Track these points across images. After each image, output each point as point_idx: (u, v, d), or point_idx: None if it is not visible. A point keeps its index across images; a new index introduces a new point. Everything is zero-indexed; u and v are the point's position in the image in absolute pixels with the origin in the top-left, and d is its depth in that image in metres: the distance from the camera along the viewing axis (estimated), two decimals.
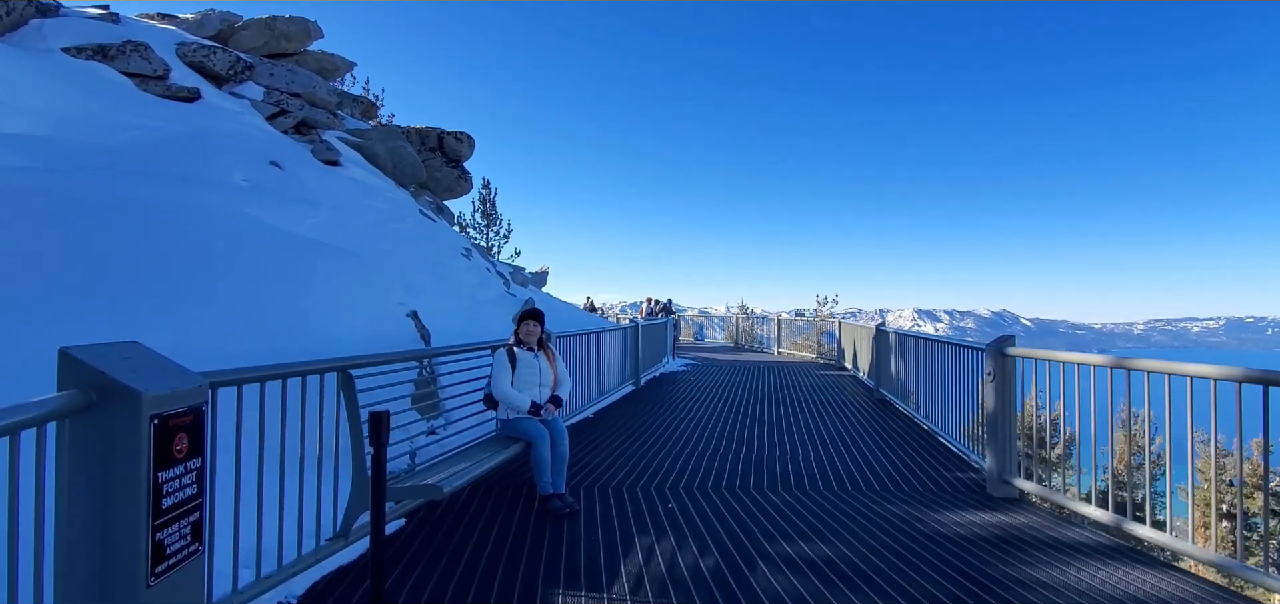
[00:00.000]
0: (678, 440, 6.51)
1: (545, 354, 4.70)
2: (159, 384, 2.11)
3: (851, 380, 11.82)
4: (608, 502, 4.49)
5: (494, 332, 7.91)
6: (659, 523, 4.07)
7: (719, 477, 5.19)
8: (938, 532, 3.95)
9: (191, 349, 4.01)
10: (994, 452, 4.72)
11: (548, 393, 4.62)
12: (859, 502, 4.55)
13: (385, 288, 6.33)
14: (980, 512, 4.35)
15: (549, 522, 4.09)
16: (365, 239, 7.75)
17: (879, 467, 5.55)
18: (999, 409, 4.68)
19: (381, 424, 2.15)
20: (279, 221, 6.65)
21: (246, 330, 4.42)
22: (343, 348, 4.75)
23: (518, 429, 4.48)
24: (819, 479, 5.15)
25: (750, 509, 4.35)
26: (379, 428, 2.15)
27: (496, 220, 21.00)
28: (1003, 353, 4.69)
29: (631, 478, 5.11)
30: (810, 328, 19.16)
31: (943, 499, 4.65)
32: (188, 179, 6.94)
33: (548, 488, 4.27)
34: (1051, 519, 4.21)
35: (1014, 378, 4.69)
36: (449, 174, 15.87)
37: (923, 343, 7.01)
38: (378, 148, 11.71)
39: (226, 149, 8.22)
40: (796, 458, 5.86)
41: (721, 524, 4.04)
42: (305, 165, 9.02)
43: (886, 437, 6.78)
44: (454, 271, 9.57)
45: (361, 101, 16.97)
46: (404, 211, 10.20)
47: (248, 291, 4.88)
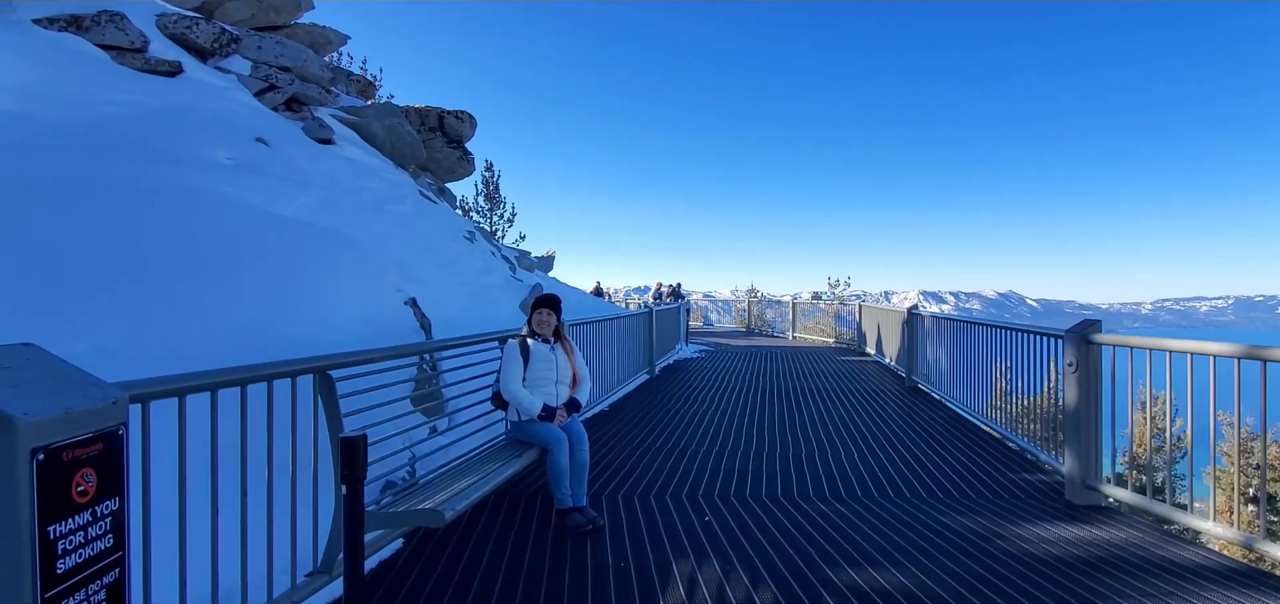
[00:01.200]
0: (705, 437, 5.94)
1: (562, 346, 4.11)
2: (46, 405, 1.53)
3: (876, 366, 11.22)
4: (635, 515, 3.92)
5: (500, 319, 7.33)
6: (697, 542, 3.50)
7: (757, 481, 4.62)
8: (1024, 551, 3.37)
9: (147, 350, 3.43)
10: (1076, 453, 4.13)
11: (565, 391, 4.03)
12: (922, 512, 3.96)
13: (381, 274, 5.74)
14: (1067, 524, 3.77)
15: (569, 540, 3.53)
16: (359, 221, 7.15)
17: (934, 467, 4.96)
18: (1082, 404, 4.08)
19: (357, 453, 1.58)
20: (263, 202, 6.06)
21: (218, 326, 3.84)
22: (332, 341, 4.17)
23: (530, 434, 3.91)
24: (869, 484, 4.56)
25: (801, 523, 3.77)
26: (354, 457, 1.58)
27: (500, 203, 20.39)
28: (1087, 340, 4.08)
29: (659, 484, 4.54)
30: (823, 311, 18.55)
31: (1017, 508, 4.06)
32: (164, 157, 6.34)
33: (567, 501, 3.70)
34: (1156, 534, 3.61)
35: (1100, 369, 4.08)
36: (450, 155, 15.21)
37: (976, 328, 6.37)
38: (374, 126, 11.06)
39: (209, 125, 7.61)
40: (838, 456, 5.28)
41: (770, 544, 3.46)
42: (295, 143, 8.40)
43: (931, 431, 6.19)
44: (456, 256, 8.97)
45: (359, 80, 16.30)
46: (402, 193, 9.58)
47: (222, 280, 4.29)
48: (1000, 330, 5.73)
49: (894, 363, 10.58)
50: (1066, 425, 4.23)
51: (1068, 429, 4.21)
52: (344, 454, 1.59)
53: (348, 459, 1.58)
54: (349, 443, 1.59)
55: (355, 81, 15.67)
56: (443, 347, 3.99)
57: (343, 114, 10.93)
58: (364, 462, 1.61)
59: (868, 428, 6.34)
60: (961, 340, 6.81)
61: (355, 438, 1.60)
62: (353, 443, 1.59)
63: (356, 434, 1.61)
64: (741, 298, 25.42)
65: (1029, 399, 5.38)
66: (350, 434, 1.62)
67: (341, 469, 1.58)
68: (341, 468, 1.58)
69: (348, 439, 1.59)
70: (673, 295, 19.36)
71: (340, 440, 1.61)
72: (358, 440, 1.60)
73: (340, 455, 1.60)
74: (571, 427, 3.91)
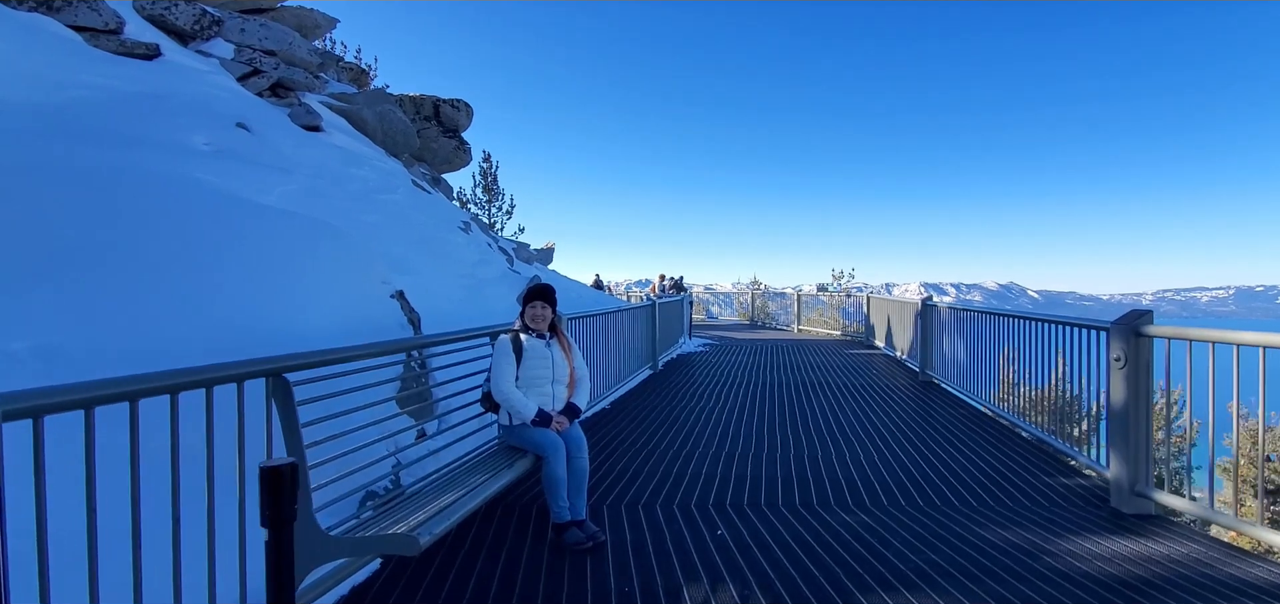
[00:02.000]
0: (712, 437, 5.57)
1: (559, 342, 3.73)
2: None
3: (885, 360, 10.85)
4: (640, 528, 3.55)
5: (496, 314, 6.95)
6: (710, 561, 3.13)
7: (772, 488, 4.25)
8: (1077, 569, 2.99)
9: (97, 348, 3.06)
10: (1123, 457, 3.75)
11: (563, 392, 3.65)
12: (957, 523, 3.59)
13: (366, 265, 5.35)
14: (1118, 536, 3.39)
15: (568, 559, 3.16)
16: (346, 210, 6.76)
17: (961, 470, 4.59)
18: (1130, 404, 3.70)
19: (282, 486, 1.21)
20: (241, 190, 5.67)
21: (181, 321, 3.45)
22: (309, 337, 3.79)
23: (524, 440, 3.53)
24: (894, 490, 4.19)
25: (824, 538, 3.39)
26: (279, 492, 1.20)
27: (499, 195, 19.96)
28: (1137, 332, 3.69)
29: (666, 491, 4.17)
30: (825, 303, 18.17)
31: (1060, 517, 3.69)
32: (135, 142, 5.95)
33: (565, 514, 3.33)
34: (1220, 549, 3.24)
35: (1151, 365, 3.70)
36: (446, 145, 14.80)
37: (1003, 321, 5.97)
38: (365, 113, 10.65)
39: (187, 110, 7.21)
40: (857, 458, 4.91)
41: (793, 563, 3.09)
42: (279, 129, 8.00)
43: (952, 429, 5.81)
44: (451, 247, 8.58)
45: (351, 68, 15.86)
46: (394, 182, 9.18)
47: (189, 272, 3.91)
48: (1032, 323, 5.34)
49: (905, 357, 10.21)
50: (1112, 426, 3.86)
51: (1113, 430, 3.84)
52: (265, 488, 1.21)
53: (271, 495, 1.21)
54: (272, 475, 1.21)
55: (347, 69, 15.24)
56: (423, 343, 3.62)
57: (332, 100, 10.52)
58: (292, 497, 1.24)
59: (884, 426, 5.97)
60: (984, 334, 6.43)
61: (280, 467, 1.22)
62: (277, 475, 1.21)
63: (282, 462, 1.24)
64: (743, 290, 25.02)
65: (1042, 392, 5.01)
66: (276, 462, 1.24)
67: (263, 508, 1.20)
68: (263, 507, 1.21)
69: (271, 469, 1.22)
70: (675, 288, 18.97)
71: (260, 470, 1.23)
72: (284, 470, 1.22)
73: (261, 489, 1.22)
74: (570, 433, 3.54)
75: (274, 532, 1.22)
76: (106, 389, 1.77)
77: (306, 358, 2.46)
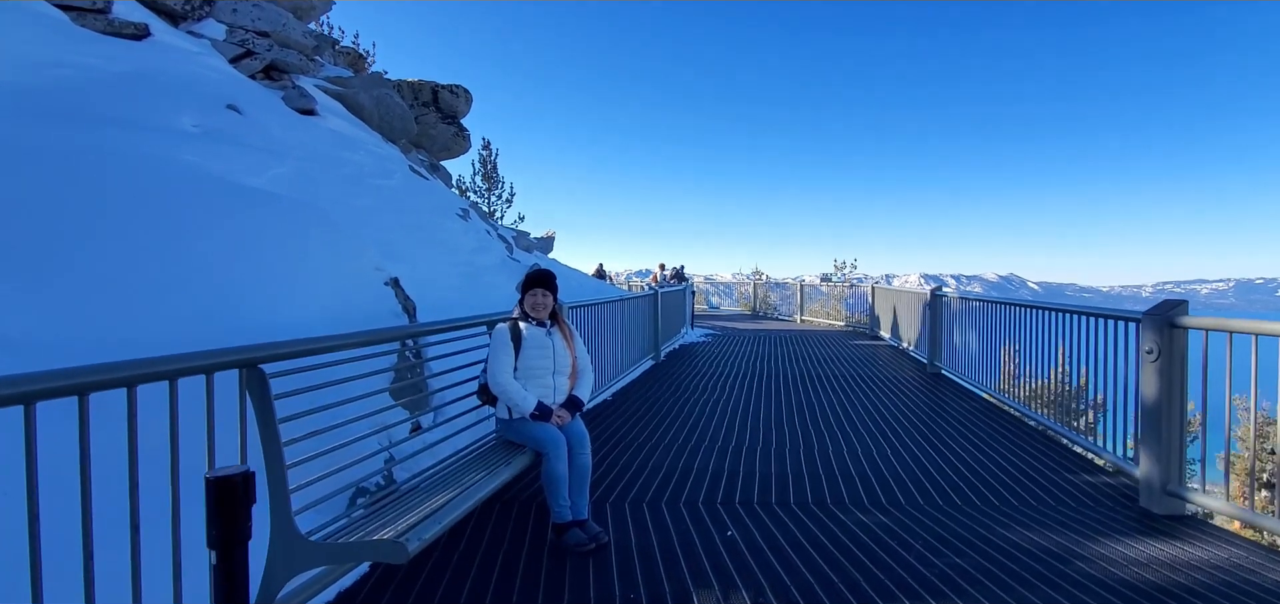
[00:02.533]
0: (718, 430, 5.38)
1: (560, 331, 3.53)
2: None
3: (891, 351, 10.65)
4: (645, 528, 3.36)
5: (495, 303, 6.75)
6: (720, 564, 2.94)
7: (783, 485, 4.06)
8: (1112, 574, 2.81)
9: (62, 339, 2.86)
10: (1154, 455, 3.56)
11: (564, 384, 3.45)
12: (979, 524, 3.40)
13: (358, 251, 5.14)
14: (1152, 539, 3.21)
15: (569, 562, 2.97)
16: (339, 194, 6.54)
17: (979, 466, 4.40)
18: (1164, 399, 3.50)
19: (232, 500, 1.01)
20: (229, 172, 5.45)
21: (155, 308, 3.25)
22: (295, 326, 3.59)
23: (523, 435, 3.33)
24: (910, 487, 4.00)
25: (841, 540, 3.21)
26: (229, 507, 1.00)
27: (498, 183, 19.69)
28: (1171, 324, 3.49)
29: (672, 488, 3.98)
30: (826, 294, 17.97)
31: (1088, 518, 3.50)
32: (117, 122, 5.72)
33: (566, 514, 3.14)
34: (1261, 553, 3.05)
35: (1185, 358, 3.50)
36: (444, 131, 14.54)
37: (1022, 311, 5.76)
38: (362, 97, 10.39)
39: (175, 91, 6.98)
40: (869, 453, 4.72)
41: (809, 568, 2.90)
42: (271, 112, 7.76)
43: (966, 423, 5.62)
44: (448, 234, 8.36)
45: (349, 53, 15.57)
46: (391, 167, 8.95)
47: (168, 256, 3.70)
48: (1053, 313, 5.14)
49: (912, 348, 10.02)
50: (1143, 422, 3.66)
51: (1144, 426, 3.64)
52: (212, 503, 1.01)
53: (220, 510, 1.01)
54: (220, 487, 1.02)
55: (345, 54, 14.96)
56: (415, 332, 3.44)
57: (327, 84, 10.26)
58: (245, 512, 1.05)
59: (896, 419, 5.78)
60: (1000, 325, 6.23)
61: (231, 477, 1.03)
62: (226, 486, 1.01)
63: (234, 471, 1.04)
64: (745, 281, 24.80)
65: (1065, 387, 4.82)
66: (226, 471, 1.04)
67: (209, 526, 1.01)
68: (209, 525, 1.01)
69: (219, 480, 1.02)
70: (676, 278, 18.76)
71: (206, 482, 1.03)
72: (234, 481, 1.03)
73: (208, 504, 1.02)
74: (571, 427, 3.34)
75: (223, 554, 1.02)
76: (52, 382, 1.57)
77: (285, 347, 2.26)
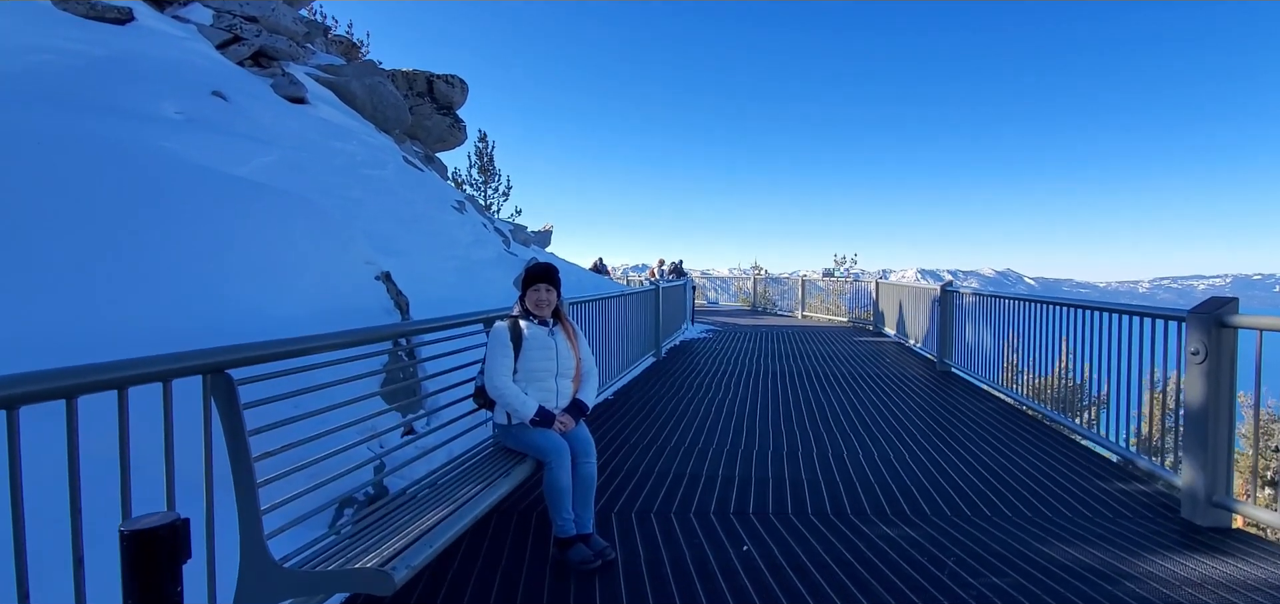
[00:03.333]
0: (727, 432, 5.13)
1: (564, 330, 3.27)
2: None
3: (896, 348, 10.43)
4: (654, 542, 3.12)
5: (491, 299, 6.49)
6: (738, 585, 2.70)
7: (798, 493, 3.82)
8: (1166, 597, 2.58)
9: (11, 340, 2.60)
10: (1198, 463, 3.33)
11: (568, 387, 3.20)
12: (1013, 539, 3.17)
13: (348, 243, 4.87)
14: (1202, 555, 2.97)
15: (573, 581, 2.73)
16: (328, 185, 6.27)
17: (1005, 472, 4.17)
18: (1210, 403, 3.27)
19: (154, 558, 0.76)
20: (212, 160, 5.17)
21: (120, 306, 2.98)
22: (276, 324, 3.33)
23: (523, 442, 3.08)
24: (935, 496, 3.77)
25: (865, 555, 2.97)
26: (150, 566, 0.76)
27: (495, 176, 19.41)
28: (1221, 323, 3.25)
29: (681, 496, 3.74)
30: (824, 289, 17.76)
31: (1128, 531, 3.27)
32: (96, 108, 5.45)
33: (569, 528, 2.89)
34: None
35: (1234, 360, 3.27)
36: (440, 122, 14.24)
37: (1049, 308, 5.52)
38: (354, 86, 10.09)
39: (158, 77, 6.69)
40: (886, 457, 4.49)
41: (836, 590, 2.66)
42: (259, 99, 7.46)
43: (985, 426, 5.40)
44: (443, 227, 8.09)
45: (342, 41, 15.24)
46: (383, 158, 8.66)
47: (136, 247, 3.43)
48: (1081, 311, 4.90)
49: (919, 345, 9.79)
50: (1186, 428, 3.43)
51: (1187, 432, 3.41)
52: (128, 564, 0.76)
53: (137, 575, 0.76)
54: (139, 543, 0.77)
55: (337, 42, 14.63)
56: (405, 331, 3.19)
57: (319, 72, 9.96)
58: (172, 573, 0.80)
59: (909, 420, 5.55)
60: (1018, 322, 6.00)
61: (155, 531, 0.78)
62: (146, 543, 0.76)
63: (158, 522, 0.79)
64: (742, 275, 24.56)
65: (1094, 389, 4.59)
66: (148, 522, 0.79)
67: (125, 596, 0.76)
68: (125, 594, 0.76)
69: (137, 534, 0.77)
70: (675, 273, 18.51)
71: (121, 536, 0.78)
72: (157, 535, 0.78)
73: (123, 565, 0.78)
74: (575, 434, 3.09)
75: None
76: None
77: (257, 350, 2.00)
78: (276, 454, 2.05)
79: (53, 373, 1.52)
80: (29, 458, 1.45)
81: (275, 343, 2.07)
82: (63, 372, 1.54)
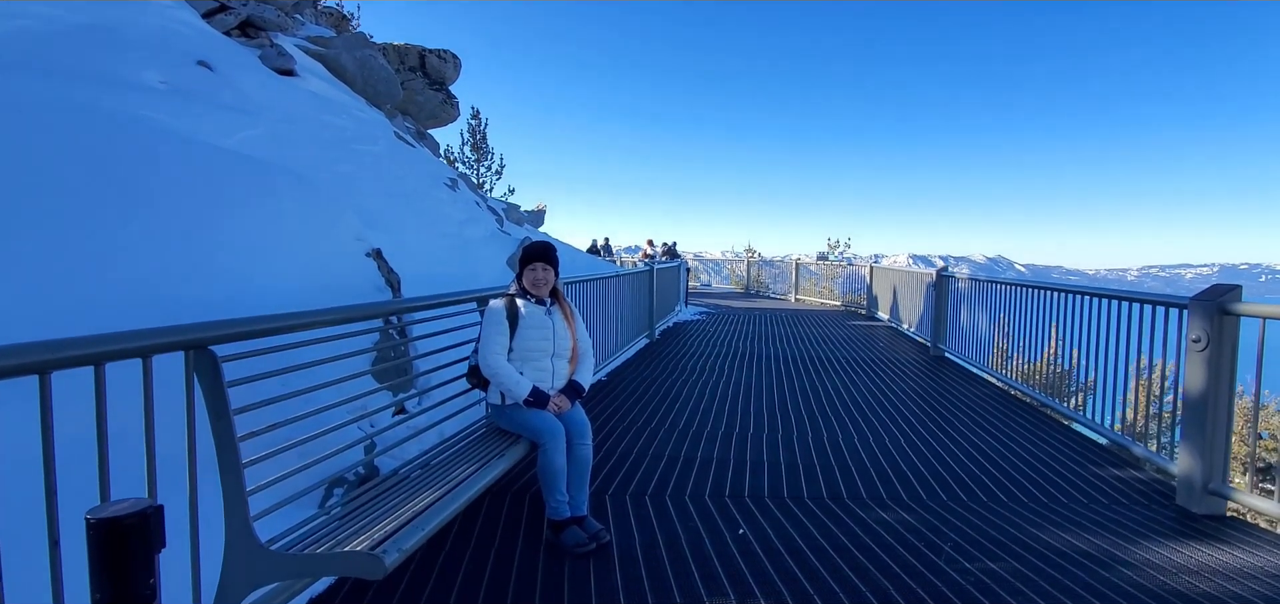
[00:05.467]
0: (721, 415, 5.11)
1: (561, 310, 3.21)
2: None
3: (889, 332, 10.44)
4: (649, 524, 3.09)
5: (484, 277, 6.41)
6: (735, 569, 2.67)
7: (793, 476, 3.80)
8: (1162, 584, 2.57)
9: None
10: (1195, 450, 3.33)
11: (564, 368, 3.14)
12: (1010, 524, 3.16)
13: (337, 218, 4.77)
14: (1196, 542, 2.98)
15: (567, 565, 2.69)
16: (317, 159, 6.13)
17: (1000, 457, 4.17)
18: (1210, 391, 3.26)
19: (126, 551, 0.70)
20: (196, 131, 5.04)
21: (96, 280, 2.89)
22: (262, 300, 3.25)
23: (517, 423, 3.03)
24: (930, 480, 3.76)
25: (861, 539, 2.95)
26: (123, 562, 0.70)
27: (488, 154, 19.18)
28: (1223, 311, 3.23)
29: (675, 478, 3.71)
30: (817, 273, 17.76)
31: (1123, 517, 3.27)
32: (75, 76, 5.27)
33: (563, 510, 2.85)
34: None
35: (1236, 348, 3.25)
36: (432, 98, 14.01)
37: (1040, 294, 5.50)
38: (344, 58, 9.88)
39: (141, 44, 6.49)
40: (881, 441, 4.47)
41: (833, 574, 2.64)
42: (246, 70, 7.28)
43: (979, 411, 5.40)
44: (436, 204, 7.97)
45: (332, 14, 14.92)
46: (375, 133, 8.50)
47: (116, 219, 3.32)
48: (1084, 297, 4.89)
49: (913, 330, 9.80)
50: (1185, 415, 3.42)
51: (1186, 419, 3.40)
52: (96, 553, 0.70)
53: (105, 565, 0.70)
54: (107, 532, 0.70)
55: (327, 14, 14.31)
56: (396, 308, 3.11)
57: (308, 44, 9.73)
58: (144, 563, 0.73)
59: (903, 404, 5.54)
60: (1015, 308, 5.99)
61: (122, 519, 0.71)
62: (115, 532, 0.70)
63: (127, 510, 0.73)
64: (735, 258, 24.51)
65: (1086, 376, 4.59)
66: (117, 509, 0.73)
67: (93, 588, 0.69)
68: (93, 587, 0.70)
69: (105, 523, 0.71)
70: (668, 254, 18.43)
71: (88, 524, 0.72)
72: (125, 524, 0.71)
73: (90, 555, 0.71)
74: (570, 415, 3.04)
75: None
76: None
77: (242, 325, 1.93)
78: (262, 434, 1.99)
79: (24, 347, 1.44)
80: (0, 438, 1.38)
81: (261, 319, 1.99)
82: (35, 346, 1.47)
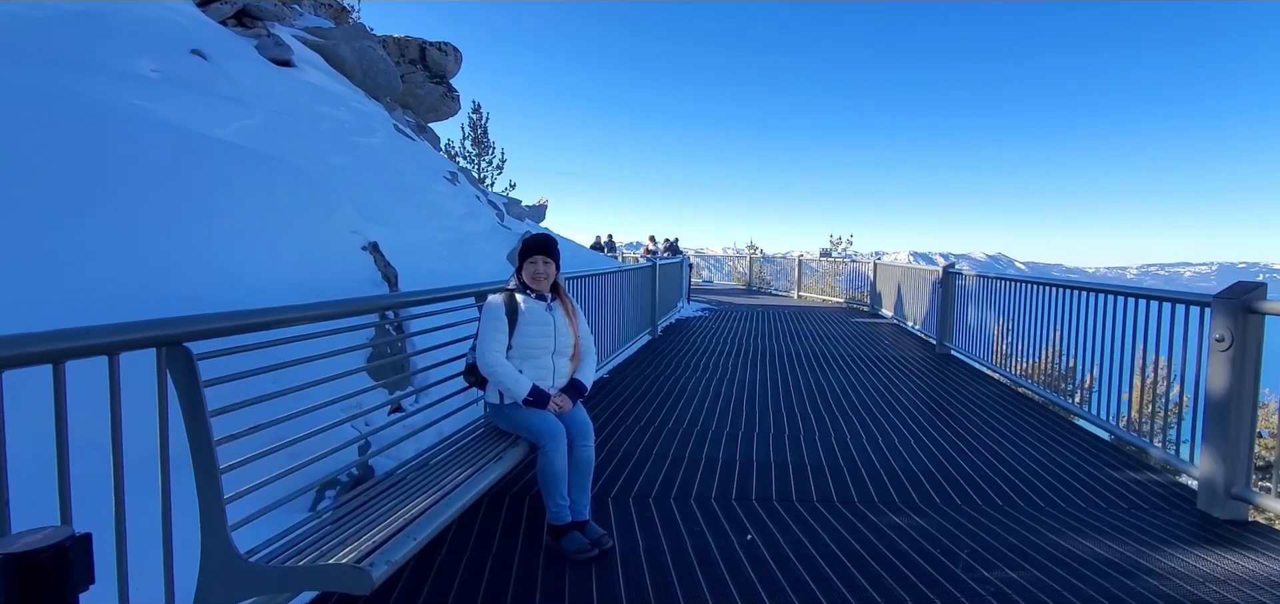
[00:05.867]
0: (726, 414, 4.99)
1: (562, 306, 3.09)
2: None
3: (894, 330, 10.32)
4: (653, 529, 2.97)
5: (484, 272, 6.28)
6: (743, 578, 2.55)
7: (802, 478, 3.68)
8: (1193, 597, 2.46)
9: None
10: (1218, 453, 3.21)
11: (565, 366, 3.02)
12: (1028, 530, 3.04)
13: (332, 211, 4.64)
14: (1222, 550, 2.86)
15: (568, 572, 2.58)
16: (313, 150, 6.00)
17: (1014, 459, 4.05)
18: (1234, 392, 3.14)
19: (36, 592, 0.58)
20: (189, 120, 4.91)
21: (76, 272, 2.77)
22: (252, 294, 3.13)
23: (516, 423, 2.91)
24: (944, 485, 3.64)
25: (874, 546, 2.83)
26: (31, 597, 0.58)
27: (489, 148, 19.03)
28: (1248, 309, 3.11)
29: (680, 480, 3.59)
30: (817, 269, 17.62)
31: (1144, 522, 3.15)
32: (67, 63, 5.14)
33: (564, 514, 2.74)
34: None
35: (1261, 347, 3.13)
36: (433, 91, 13.87)
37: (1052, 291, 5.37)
38: (343, 49, 9.74)
39: (134, 32, 6.36)
40: (890, 442, 4.36)
41: (846, 584, 2.52)
42: (242, 60, 7.15)
43: (989, 411, 5.28)
44: (435, 197, 7.84)
45: (331, 4, 14.75)
46: (373, 125, 8.37)
47: (102, 209, 3.20)
48: (1091, 294, 4.76)
49: (919, 327, 9.68)
50: (1207, 417, 3.30)
51: (1208, 421, 3.28)
52: (7, 595, 0.58)
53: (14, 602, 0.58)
54: (19, 569, 0.58)
55: (326, 5, 14.15)
56: (391, 303, 2.98)
57: (306, 34, 9.59)
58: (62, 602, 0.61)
59: (912, 403, 5.42)
60: (1026, 306, 5.87)
61: (28, 555, 0.59)
62: (27, 568, 0.58)
63: (41, 544, 0.61)
64: (737, 255, 24.38)
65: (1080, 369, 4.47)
66: (33, 542, 0.61)
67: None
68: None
69: (16, 558, 0.59)
70: (670, 251, 18.30)
71: (5, 561, 0.60)
72: (37, 559, 0.59)
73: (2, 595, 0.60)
74: (572, 416, 2.92)
75: None
76: None
77: (221, 320, 1.80)
78: (244, 436, 1.87)
79: None
80: None
81: (240, 314, 1.87)
82: None
